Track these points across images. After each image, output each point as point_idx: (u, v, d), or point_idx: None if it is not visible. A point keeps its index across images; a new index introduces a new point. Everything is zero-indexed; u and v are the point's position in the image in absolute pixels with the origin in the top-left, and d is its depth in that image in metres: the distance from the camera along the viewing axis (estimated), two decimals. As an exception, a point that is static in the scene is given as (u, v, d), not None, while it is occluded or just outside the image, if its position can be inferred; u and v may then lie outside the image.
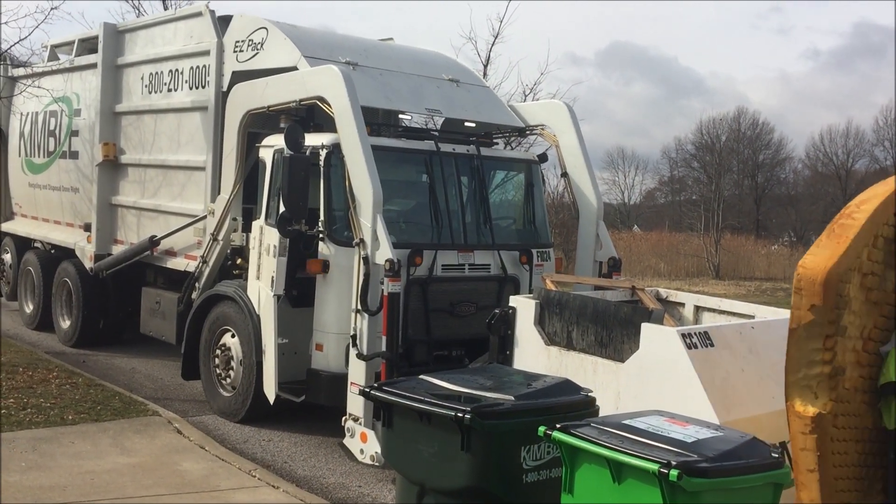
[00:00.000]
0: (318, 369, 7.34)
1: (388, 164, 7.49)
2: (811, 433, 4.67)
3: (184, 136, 9.54)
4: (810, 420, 4.69)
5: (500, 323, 6.50)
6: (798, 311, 4.77)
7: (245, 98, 8.29)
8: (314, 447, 7.63)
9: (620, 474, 3.94)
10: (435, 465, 4.65)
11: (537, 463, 4.67)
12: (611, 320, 5.89)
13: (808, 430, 4.68)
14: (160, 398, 8.93)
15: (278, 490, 6.27)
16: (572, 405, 4.84)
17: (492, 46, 18.46)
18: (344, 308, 7.07)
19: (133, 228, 10.36)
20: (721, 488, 3.83)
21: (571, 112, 8.91)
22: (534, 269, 8.08)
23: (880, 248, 4.88)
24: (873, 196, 4.81)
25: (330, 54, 8.15)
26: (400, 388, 4.89)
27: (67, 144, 11.71)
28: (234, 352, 8.19)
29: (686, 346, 5.34)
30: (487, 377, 5.10)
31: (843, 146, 66.02)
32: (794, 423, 4.76)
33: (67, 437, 7.13)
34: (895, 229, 4.80)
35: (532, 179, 8.75)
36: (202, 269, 8.85)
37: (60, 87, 11.80)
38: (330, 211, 7.39)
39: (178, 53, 9.60)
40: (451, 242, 7.70)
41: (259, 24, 8.53)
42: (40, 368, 9.44)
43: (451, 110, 8.72)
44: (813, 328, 4.76)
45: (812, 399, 4.76)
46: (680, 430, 4.12)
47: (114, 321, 11.26)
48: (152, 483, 6.20)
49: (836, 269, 4.72)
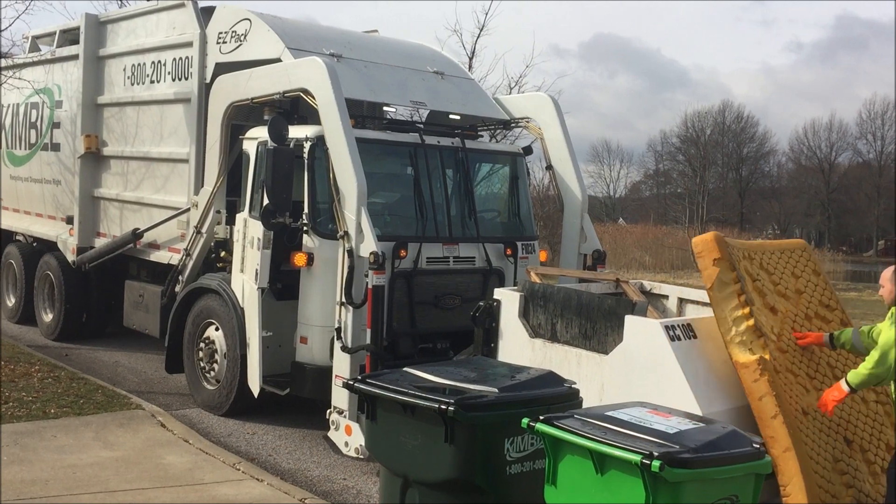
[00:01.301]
0: (303, 362, 7.33)
1: (373, 156, 7.47)
2: (761, 376, 5.02)
3: (167, 128, 9.47)
4: (756, 364, 5.07)
5: (485, 315, 6.51)
6: (706, 270, 5.54)
7: (228, 90, 8.24)
8: (298, 440, 7.62)
9: (603, 465, 3.96)
10: (419, 458, 4.65)
11: (521, 455, 4.68)
12: (595, 313, 5.91)
13: (758, 375, 5.04)
14: (143, 392, 8.89)
15: (262, 483, 6.26)
16: (556, 397, 4.86)
17: (477, 39, 18.48)
18: (328, 301, 7.06)
19: (116, 221, 10.29)
20: (703, 479, 3.86)
21: (556, 105, 8.92)
22: (518, 261, 8.10)
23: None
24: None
25: (314, 46, 8.11)
26: (384, 380, 4.89)
27: (49, 136, 11.61)
28: (219, 345, 8.16)
29: (669, 338, 5.38)
30: (471, 369, 5.11)
31: (827, 139, 66.62)
32: (744, 375, 5.18)
33: (50, 430, 7.09)
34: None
35: (517, 172, 8.76)
36: (186, 262, 8.80)
37: (42, 78, 11.69)
38: (314, 203, 7.37)
39: (161, 45, 9.53)
40: (435, 235, 7.70)
41: (242, 15, 8.47)
42: (22, 362, 9.37)
43: (436, 103, 8.71)
44: (724, 285, 5.47)
45: (749, 352, 5.28)
46: (663, 422, 4.15)
47: (97, 314, 11.19)
48: (135, 477, 6.17)
49: (722, 238, 5.68)
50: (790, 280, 6.05)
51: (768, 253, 6.12)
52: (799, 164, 68.52)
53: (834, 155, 66.83)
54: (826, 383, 5.58)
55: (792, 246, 6.37)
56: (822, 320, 5.97)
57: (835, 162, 66.92)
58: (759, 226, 63.43)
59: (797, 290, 6.03)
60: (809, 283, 6.12)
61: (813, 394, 5.48)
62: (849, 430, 5.54)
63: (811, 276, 6.16)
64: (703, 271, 5.56)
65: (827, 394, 5.07)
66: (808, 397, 5.44)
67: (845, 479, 5.30)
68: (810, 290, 6.09)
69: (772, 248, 6.25)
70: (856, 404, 5.68)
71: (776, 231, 62.01)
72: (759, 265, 5.95)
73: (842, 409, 5.53)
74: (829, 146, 66.69)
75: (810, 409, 5.38)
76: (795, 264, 6.18)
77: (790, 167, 69.60)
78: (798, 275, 6.12)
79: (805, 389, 5.47)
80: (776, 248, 6.26)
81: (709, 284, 5.53)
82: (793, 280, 6.06)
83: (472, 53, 18.54)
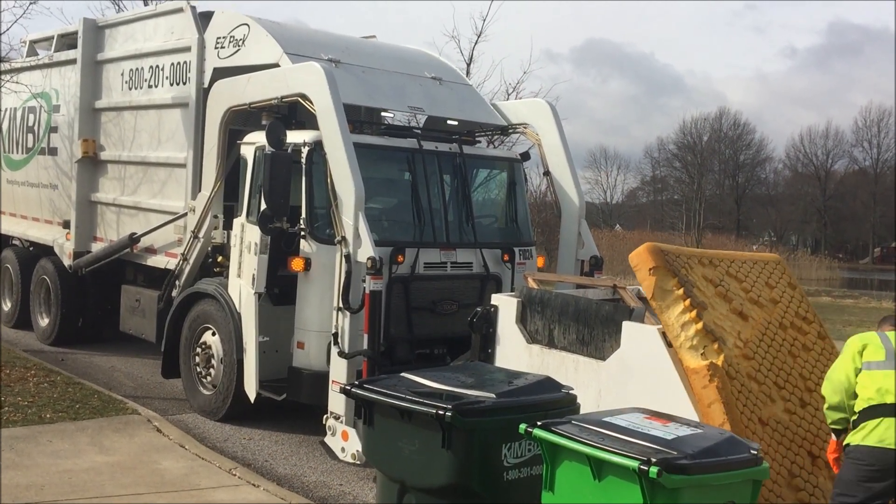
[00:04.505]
0: (300, 367, 7.31)
1: (371, 161, 7.47)
2: (710, 382, 4.98)
3: (164, 132, 9.47)
4: (705, 370, 5.03)
5: (482, 321, 6.51)
6: (644, 281, 5.54)
7: (226, 95, 8.25)
8: (295, 445, 7.60)
9: (601, 471, 3.96)
10: (416, 463, 4.64)
11: (518, 460, 4.68)
12: (592, 318, 5.91)
13: (707, 381, 5.01)
14: (139, 396, 8.86)
15: (259, 489, 6.24)
16: (553, 403, 4.86)
17: (475, 45, 18.49)
18: (325, 306, 7.05)
19: (113, 226, 10.27)
20: (700, 485, 3.86)
21: (554, 111, 8.93)
22: (516, 267, 8.10)
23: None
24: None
25: (312, 51, 8.11)
26: (381, 385, 4.88)
27: (46, 141, 11.59)
28: (215, 350, 8.14)
29: (667, 344, 5.38)
30: (469, 375, 5.11)
31: (823, 147, 66.75)
32: (693, 380, 5.14)
33: (45, 435, 7.06)
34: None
35: (514, 178, 8.76)
36: (183, 267, 8.79)
37: (39, 82, 11.68)
38: (312, 208, 7.37)
39: (159, 49, 9.53)
40: (433, 240, 7.69)
41: (240, 20, 8.48)
42: (18, 367, 9.34)
43: (434, 108, 8.71)
44: (665, 292, 5.45)
45: (700, 357, 5.21)
46: (660, 428, 4.14)
47: (93, 319, 11.15)
48: (131, 482, 6.15)
49: (657, 247, 5.71)
50: (763, 289, 5.99)
51: (738, 262, 6.10)
52: (795, 172, 68.68)
53: (830, 162, 67.05)
54: (796, 393, 5.51)
55: (766, 258, 6.39)
56: (798, 331, 5.89)
57: (831, 169, 67.11)
58: (756, 232, 63.52)
59: (772, 299, 5.97)
60: (785, 294, 6.07)
61: (779, 403, 5.39)
62: (816, 444, 5.40)
63: (786, 288, 6.11)
64: (642, 283, 5.57)
65: (827, 453, 5.00)
66: (773, 407, 5.34)
67: (801, 495, 5.15)
68: (786, 300, 6.03)
69: (742, 257, 6.25)
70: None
71: (772, 238, 62.10)
72: (726, 272, 5.89)
73: (810, 424, 5.44)
74: (826, 153, 66.91)
75: (770, 420, 5.27)
76: (770, 275, 6.14)
77: (786, 174, 69.79)
78: (773, 285, 6.07)
79: (770, 399, 5.37)
80: (748, 259, 6.27)
81: (649, 294, 5.53)
82: (767, 289, 6.01)
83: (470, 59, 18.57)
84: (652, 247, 5.69)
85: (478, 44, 18.48)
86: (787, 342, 5.76)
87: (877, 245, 63.50)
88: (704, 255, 5.98)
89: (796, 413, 5.46)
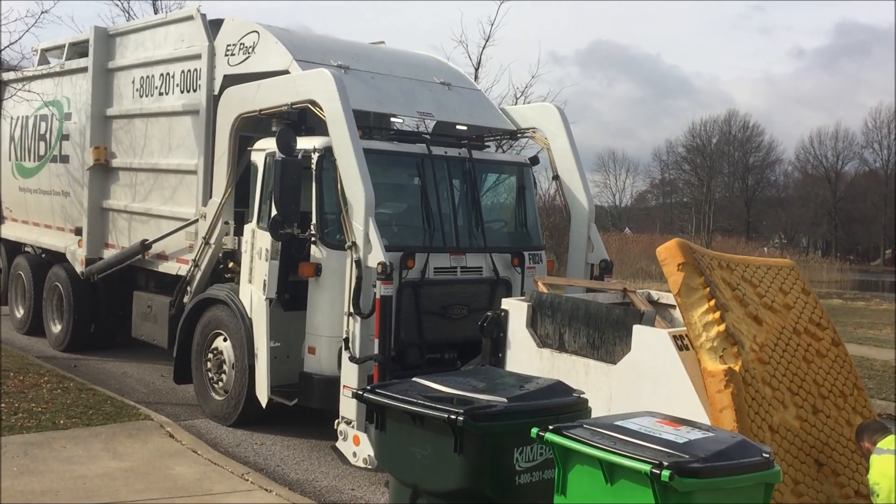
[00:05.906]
0: (311, 372, 7.34)
1: (380, 167, 7.50)
2: (725, 388, 4.95)
3: (175, 139, 9.52)
4: (723, 374, 4.99)
5: (493, 325, 6.52)
6: (672, 276, 5.51)
7: (237, 101, 8.29)
8: (307, 450, 7.62)
9: (613, 475, 3.96)
10: (428, 468, 4.66)
11: (530, 464, 4.69)
12: (602, 322, 5.92)
13: (723, 386, 4.97)
14: (152, 402, 8.91)
15: (271, 493, 6.26)
16: (565, 407, 4.87)
17: (482, 49, 18.53)
18: (336, 311, 7.07)
19: (124, 232, 10.33)
20: (712, 488, 3.86)
21: (562, 115, 8.94)
22: (525, 271, 8.11)
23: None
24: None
25: (321, 58, 8.15)
26: (393, 390, 4.90)
27: (58, 148, 11.67)
28: (227, 355, 8.18)
29: (677, 348, 5.38)
30: (480, 379, 5.12)
31: (833, 148, 66.43)
32: (709, 383, 5.11)
33: (59, 441, 7.11)
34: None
35: (524, 182, 8.77)
36: (194, 273, 8.83)
37: (51, 90, 11.77)
38: (322, 214, 7.40)
39: (169, 57, 9.59)
40: (443, 245, 7.71)
41: (250, 27, 8.53)
42: (31, 373, 9.40)
43: (443, 113, 8.74)
44: (692, 290, 5.42)
45: (719, 360, 5.19)
46: (672, 431, 4.15)
47: (105, 325, 11.22)
48: (144, 487, 6.18)
49: (686, 243, 5.68)
50: (777, 294, 5.97)
51: (752, 266, 6.07)
52: (805, 174, 68.38)
53: (840, 164, 66.73)
54: (809, 399, 5.48)
55: (780, 264, 6.35)
56: (812, 337, 5.86)
57: (841, 171, 66.79)
58: (766, 235, 63.29)
59: (786, 304, 5.95)
60: (798, 299, 6.04)
61: (791, 409, 5.37)
62: (824, 452, 5.41)
63: (800, 294, 6.08)
64: (669, 277, 5.54)
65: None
66: (784, 413, 5.33)
67: (803, 500, 5.15)
68: (799, 306, 6.00)
69: (757, 262, 6.22)
70: (838, 426, 5.57)
71: (783, 240, 61.86)
72: (741, 277, 5.88)
73: (820, 432, 5.44)
74: (836, 155, 66.57)
75: (780, 428, 5.25)
76: (783, 281, 6.10)
77: (796, 176, 69.49)
78: (787, 291, 6.04)
79: (782, 405, 5.36)
80: (762, 264, 6.23)
81: (675, 290, 5.49)
82: (780, 295, 5.98)
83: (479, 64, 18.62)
84: (682, 242, 5.66)
85: (486, 48, 18.53)
86: (802, 347, 5.74)
87: (888, 247, 63.08)
88: (722, 259, 5.96)
89: (808, 420, 5.44)
